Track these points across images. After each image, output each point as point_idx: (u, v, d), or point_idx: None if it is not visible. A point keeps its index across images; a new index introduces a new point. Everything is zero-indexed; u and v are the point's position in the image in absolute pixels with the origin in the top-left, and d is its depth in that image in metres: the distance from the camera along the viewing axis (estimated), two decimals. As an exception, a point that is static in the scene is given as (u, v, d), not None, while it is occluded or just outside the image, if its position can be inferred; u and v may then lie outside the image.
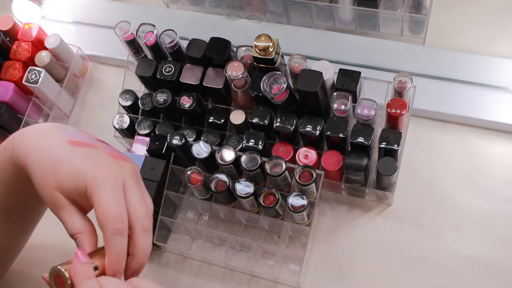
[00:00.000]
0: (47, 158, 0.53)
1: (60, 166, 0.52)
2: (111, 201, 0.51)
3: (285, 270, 0.84)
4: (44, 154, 0.53)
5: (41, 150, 0.53)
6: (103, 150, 0.55)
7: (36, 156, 0.53)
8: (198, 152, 0.79)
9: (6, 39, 0.97)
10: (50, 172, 0.52)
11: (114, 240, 0.51)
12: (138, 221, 0.52)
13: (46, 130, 0.56)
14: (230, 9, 0.98)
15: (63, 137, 0.54)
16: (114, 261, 0.52)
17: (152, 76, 0.87)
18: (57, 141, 0.54)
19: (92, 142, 0.56)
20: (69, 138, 0.54)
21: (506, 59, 0.89)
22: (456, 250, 0.81)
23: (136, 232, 0.53)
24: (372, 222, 0.85)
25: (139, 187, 0.56)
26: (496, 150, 0.86)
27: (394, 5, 0.88)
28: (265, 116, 0.82)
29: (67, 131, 0.56)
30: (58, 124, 0.58)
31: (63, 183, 0.52)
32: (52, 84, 0.98)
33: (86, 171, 0.51)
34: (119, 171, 0.53)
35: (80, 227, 0.53)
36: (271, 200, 0.77)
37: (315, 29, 0.98)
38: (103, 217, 0.51)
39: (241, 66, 0.80)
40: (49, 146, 0.53)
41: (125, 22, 0.86)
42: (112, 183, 0.51)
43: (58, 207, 0.53)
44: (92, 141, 0.56)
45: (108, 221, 0.51)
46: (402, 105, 0.76)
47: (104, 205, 0.51)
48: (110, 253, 0.51)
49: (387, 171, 0.76)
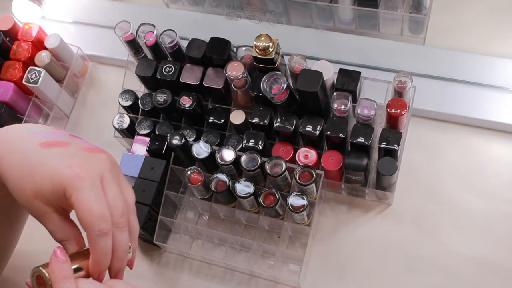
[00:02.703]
0: (21, 165, 0.51)
1: (35, 172, 0.50)
2: (91, 201, 0.49)
3: (285, 270, 0.84)
4: (17, 161, 0.51)
5: (14, 157, 0.51)
6: (77, 146, 0.53)
7: (9, 164, 0.51)
8: (198, 152, 0.79)
9: (6, 39, 0.97)
10: (26, 180, 0.50)
11: (99, 241, 0.50)
12: (113, 220, 0.51)
13: (16, 134, 0.54)
14: (230, 9, 0.98)
15: (34, 140, 0.52)
16: (99, 262, 0.51)
17: (152, 76, 0.87)
18: (29, 146, 0.52)
19: (64, 139, 0.53)
20: (40, 140, 0.52)
21: (506, 59, 0.89)
22: (456, 250, 0.81)
23: (112, 231, 0.51)
24: (372, 222, 0.85)
25: (118, 180, 0.54)
26: (496, 150, 0.86)
27: (394, 5, 0.88)
28: (265, 116, 0.82)
29: (38, 133, 0.53)
30: (27, 126, 0.55)
31: (41, 189, 0.50)
32: (52, 84, 0.98)
33: (62, 173, 0.49)
34: (95, 167, 0.51)
35: (65, 235, 0.52)
36: (271, 200, 0.77)
37: (315, 29, 0.98)
38: (86, 219, 0.49)
39: (241, 66, 0.80)
40: (22, 152, 0.51)
41: (125, 22, 0.86)
42: (89, 182, 0.50)
43: (40, 215, 0.52)
44: (63, 138, 0.54)
45: (92, 221, 0.49)
46: (402, 105, 0.76)
47: (85, 206, 0.49)
48: (95, 254, 0.50)
49: (387, 171, 0.76)
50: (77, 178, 0.49)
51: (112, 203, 0.51)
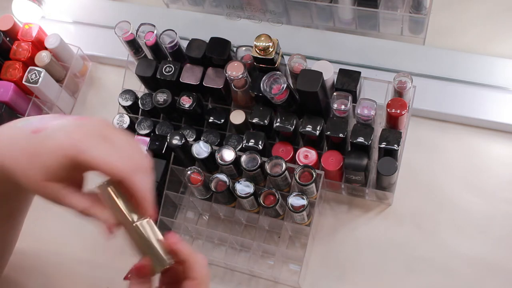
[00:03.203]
0: (22, 155, 0.51)
1: (37, 156, 0.50)
2: (105, 154, 0.49)
3: (285, 270, 0.84)
4: (18, 152, 0.51)
5: (14, 150, 0.52)
6: (67, 119, 0.52)
7: (12, 158, 0.51)
8: (198, 152, 0.79)
9: (6, 39, 0.97)
10: (32, 167, 0.51)
11: (136, 179, 0.49)
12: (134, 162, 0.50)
13: (10, 131, 0.54)
14: (230, 9, 0.98)
15: (27, 129, 0.52)
16: (147, 197, 0.50)
17: (152, 76, 0.87)
18: (25, 136, 0.52)
19: (52, 120, 0.53)
20: (31, 128, 0.52)
21: (506, 59, 0.89)
22: (456, 250, 0.81)
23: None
24: (372, 222, 0.85)
25: (118, 132, 0.53)
26: (496, 150, 0.86)
27: (394, 5, 0.88)
28: (265, 116, 0.82)
29: (28, 123, 0.53)
30: (17, 121, 0.55)
31: (48, 170, 0.50)
32: (52, 84, 0.98)
33: (62, 145, 0.49)
34: (91, 128, 0.51)
35: (85, 203, 0.52)
36: (271, 200, 0.77)
37: (315, 29, 0.98)
38: (112, 169, 0.48)
39: (241, 66, 0.80)
40: (20, 143, 0.52)
41: (125, 22, 0.86)
42: (93, 141, 0.49)
43: (55, 195, 0.52)
44: (52, 119, 0.53)
45: (118, 167, 0.48)
46: (402, 105, 0.76)
47: (103, 160, 0.48)
48: (140, 191, 0.50)
49: (387, 171, 0.76)
50: (79, 143, 0.49)
51: (125, 149, 0.51)
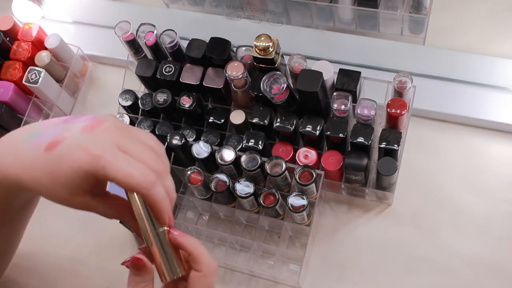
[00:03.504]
0: (42, 177, 0.50)
1: (58, 175, 0.50)
2: (124, 168, 0.48)
3: (285, 270, 0.84)
4: (37, 175, 0.51)
5: (32, 173, 0.51)
6: (76, 131, 0.51)
7: (32, 180, 0.51)
8: (198, 152, 0.79)
9: (6, 39, 0.97)
10: (55, 186, 0.50)
11: (154, 192, 0.50)
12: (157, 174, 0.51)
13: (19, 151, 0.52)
14: (230, 9, 0.98)
15: (37, 148, 0.51)
16: (164, 209, 0.51)
17: (152, 76, 0.87)
18: (38, 157, 0.51)
19: (61, 132, 0.52)
20: (41, 145, 0.51)
21: (506, 59, 0.89)
22: (456, 250, 0.81)
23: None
24: (372, 222, 0.85)
25: (132, 136, 0.52)
26: (496, 150, 0.86)
27: (394, 5, 0.88)
28: (265, 116, 0.82)
29: (36, 138, 0.52)
30: (20, 136, 0.54)
31: (73, 187, 0.50)
32: (52, 84, 0.98)
33: (80, 163, 0.49)
34: (105, 140, 0.50)
35: (113, 211, 0.53)
36: (271, 200, 0.77)
37: (315, 29, 0.98)
38: (131, 184, 0.49)
39: (241, 66, 0.80)
40: (35, 167, 0.51)
41: (125, 22, 0.86)
42: (110, 155, 0.49)
43: (85, 206, 0.52)
44: (60, 131, 0.52)
45: (137, 183, 0.49)
46: (402, 105, 0.76)
47: (123, 175, 0.48)
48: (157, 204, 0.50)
49: (387, 171, 0.76)
50: (97, 159, 0.48)
51: (142, 157, 0.51)
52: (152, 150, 0.53)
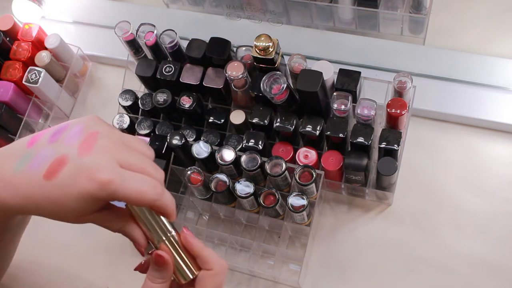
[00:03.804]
0: (46, 206, 0.50)
1: (64, 204, 0.49)
2: (135, 187, 0.49)
3: (285, 270, 0.84)
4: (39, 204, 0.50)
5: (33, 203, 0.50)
6: (73, 155, 0.50)
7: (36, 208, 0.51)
8: (198, 152, 0.79)
9: (6, 39, 0.97)
10: (61, 212, 0.50)
11: (164, 199, 0.51)
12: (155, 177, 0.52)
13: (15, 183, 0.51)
14: (230, 9, 0.98)
15: (34, 176, 0.50)
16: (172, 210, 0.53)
17: (152, 76, 0.87)
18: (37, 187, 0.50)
19: (56, 155, 0.50)
20: (38, 172, 0.50)
21: (506, 59, 0.89)
22: (456, 250, 0.81)
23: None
24: (372, 222, 0.85)
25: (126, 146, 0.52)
26: (496, 150, 0.86)
27: (394, 5, 0.88)
28: (265, 116, 0.82)
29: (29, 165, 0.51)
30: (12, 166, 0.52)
31: (79, 211, 0.50)
32: (52, 84, 0.98)
33: (89, 190, 0.48)
34: (106, 160, 0.49)
35: (119, 223, 0.54)
36: (271, 200, 0.77)
37: (315, 29, 0.98)
38: (144, 200, 0.50)
39: (241, 66, 0.80)
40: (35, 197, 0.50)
41: (125, 22, 0.86)
42: (118, 177, 0.49)
43: (92, 222, 0.53)
44: (54, 153, 0.51)
45: (149, 197, 0.50)
46: (402, 105, 0.76)
47: (135, 195, 0.49)
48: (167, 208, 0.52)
49: (387, 171, 0.76)
50: (106, 184, 0.48)
51: (144, 168, 0.52)
52: (147, 156, 0.54)
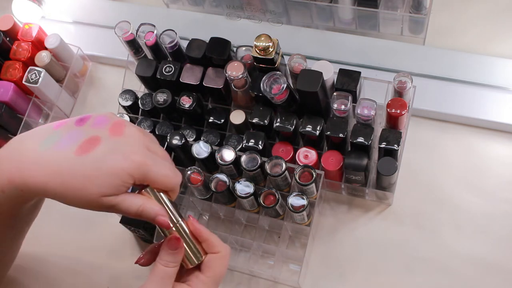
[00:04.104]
0: (72, 182, 0.51)
1: (93, 180, 0.50)
2: (163, 172, 0.54)
3: (285, 270, 0.84)
4: (66, 179, 0.51)
5: (60, 180, 0.51)
6: (105, 135, 0.52)
7: (60, 186, 0.51)
8: (198, 152, 0.79)
9: (6, 39, 0.97)
10: (86, 190, 0.51)
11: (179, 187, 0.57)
12: None
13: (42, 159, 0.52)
14: (230, 9, 0.98)
15: (65, 152, 0.51)
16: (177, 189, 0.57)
17: (152, 76, 0.87)
18: (67, 161, 0.51)
19: (85, 135, 0.52)
20: (68, 149, 0.51)
21: (506, 59, 0.89)
22: (456, 250, 0.81)
23: None
24: (372, 222, 0.85)
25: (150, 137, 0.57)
26: (496, 150, 0.86)
27: (394, 5, 0.88)
28: (265, 116, 0.82)
29: (58, 143, 0.52)
30: (37, 141, 0.53)
31: (108, 188, 0.51)
32: (52, 84, 0.98)
33: (124, 167, 0.51)
34: (139, 144, 0.53)
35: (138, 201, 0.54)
36: (271, 200, 0.77)
37: (315, 29, 0.98)
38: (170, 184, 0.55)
39: (241, 66, 0.80)
40: (64, 172, 0.51)
41: (125, 22, 0.86)
42: (149, 160, 0.52)
43: (110, 206, 0.53)
44: (82, 134, 0.53)
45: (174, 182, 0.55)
46: (402, 105, 0.76)
47: (164, 179, 0.54)
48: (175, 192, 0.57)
49: (387, 171, 0.76)
50: (141, 165, 0.52)
51: (166, 156, 0.57)
52: (165, 151, 0.58)
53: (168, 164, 0.55)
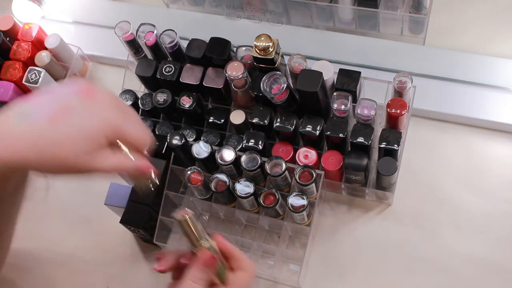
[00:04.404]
0: (48, 150, 0.52)
1: (70, 143, 0.52)
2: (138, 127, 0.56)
3: (285, 270, 0.84)
4: (41, 148, 0.52)
5: (36, 150, 0.52)
6: (76, 100, 0.54)
7: (36, 157, 0.52)
8: (198, 152, 0.79)
9: (6, 39, 0.97)
10: (63, 153, 0.52)
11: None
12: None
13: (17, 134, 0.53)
14: (230, 9, 0.98)
15: (37, 124, 0.53)
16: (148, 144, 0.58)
17: (152, 76, 0.87)
18: (41, 130, 0.53)
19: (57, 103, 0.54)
20: (41, 120, 0.53)
21: (506, 59, 0.89)
22: (456, 250, 0.81)
23: None
24: (372, 222, 0.85)
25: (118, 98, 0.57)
26: (496, 150, 0.86)
27: (394, 5, 0.88)
28: (265, 116, 0.82)
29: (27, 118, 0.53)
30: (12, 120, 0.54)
31: (79, 153, 0.52)
32: (52, 84, 0.98)
33: (100, 128, 0.53)
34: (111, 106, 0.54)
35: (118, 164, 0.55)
36: (271, 200, 0.77)
37: (315, 29, 0.98)
38: (141, 144, 0.56)
39: (241, 66, 0.80)
40: (38, 142, 0.52)
41: (125, 22, 0.86)
42: (121, 117, 0.54)
43: (87, 169, 0.54)
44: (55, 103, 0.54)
45: (145, 142, 0.56)
46: (402, 105, 0.76)
47: (134, 135, 0.55)
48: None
49: (387, 171, 0.76)
50: (114, 124, 0.53)
51: (138, 119, 0.58)
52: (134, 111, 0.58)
53: (139, 123, 0.56)
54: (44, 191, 0.98)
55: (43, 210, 0.96)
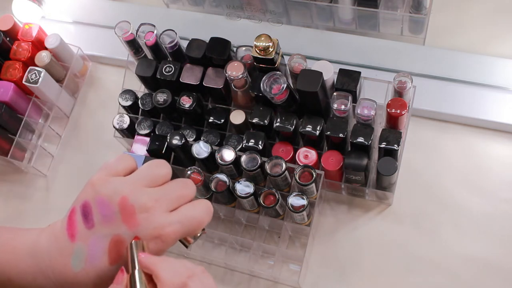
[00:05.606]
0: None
1: None
2: (189, 220, 0.53)
3: (285, 270, 0.84)
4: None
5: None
6: (123, 230, 0.51)
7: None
8: (198, 152, 0.79)
9: (6, 39, 0.97)
10: None
11: None
12: None
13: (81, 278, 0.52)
14: (230, 9, 0.98)
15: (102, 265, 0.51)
16: None
17: (152, 76, 0.87)
18: (107, 272, 0.51)
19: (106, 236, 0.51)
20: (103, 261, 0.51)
21: (506, 59, 0.89)
22: (456, 250, 0.81)
23: None
24: (372, 222, 0.85)
25: (152, 181, 0.54)
26: (496, 150, 0.86)
27: (394, 5, 0.88)
28: (265, 116, 0.82)
29: (85, 257, 0.52)
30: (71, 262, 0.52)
31: None
32: (52, 84, 0.98)
33: (156, 249, 0.51)
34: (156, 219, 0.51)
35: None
36: (271, 200, 0.77)
37: (315, 29, 0.98)
38: (201, 227, 0.54)
39: (241, 66, 0.80)
40: (108, 280, 0.51)
41: (125, 22, 0.86)
42: (175, 225, 0.52)
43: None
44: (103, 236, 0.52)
45: (205, 222, 0.54)
46: (402, 105, 0.76)
47: (190, 228, 0.53)
48: None
49: (387, 171, 0.76)
50: (172, 237, 0.52)
51: (182, 197, 0.55)
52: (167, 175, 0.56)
53: (193, 207, 0.53)
54: (44, 191, 0.98)
55: (43, 210, 0.96)
